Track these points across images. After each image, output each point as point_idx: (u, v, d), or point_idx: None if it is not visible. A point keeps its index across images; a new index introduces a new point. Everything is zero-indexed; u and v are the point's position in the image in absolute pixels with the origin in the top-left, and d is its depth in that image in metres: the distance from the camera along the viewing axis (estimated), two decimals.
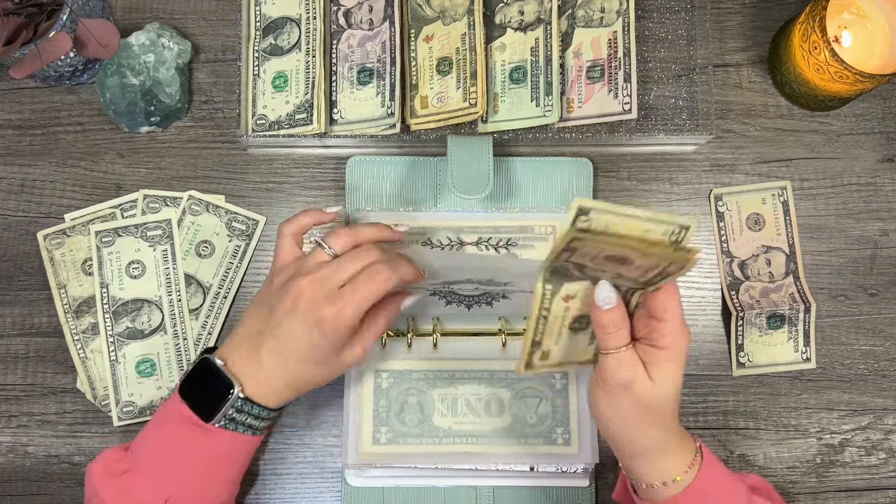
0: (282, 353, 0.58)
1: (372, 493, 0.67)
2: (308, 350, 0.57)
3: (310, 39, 0.71)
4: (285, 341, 0.57)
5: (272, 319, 0.58)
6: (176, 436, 0.58)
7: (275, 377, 0.58)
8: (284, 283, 0.58)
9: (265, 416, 0.59)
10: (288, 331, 0.57)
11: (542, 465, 0.66)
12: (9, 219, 0.71)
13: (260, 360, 0.58)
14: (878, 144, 0.73)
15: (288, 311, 0.57)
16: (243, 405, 0.58)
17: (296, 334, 0.57)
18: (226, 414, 0.57)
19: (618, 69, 0.71)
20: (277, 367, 0.58)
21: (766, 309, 0.70)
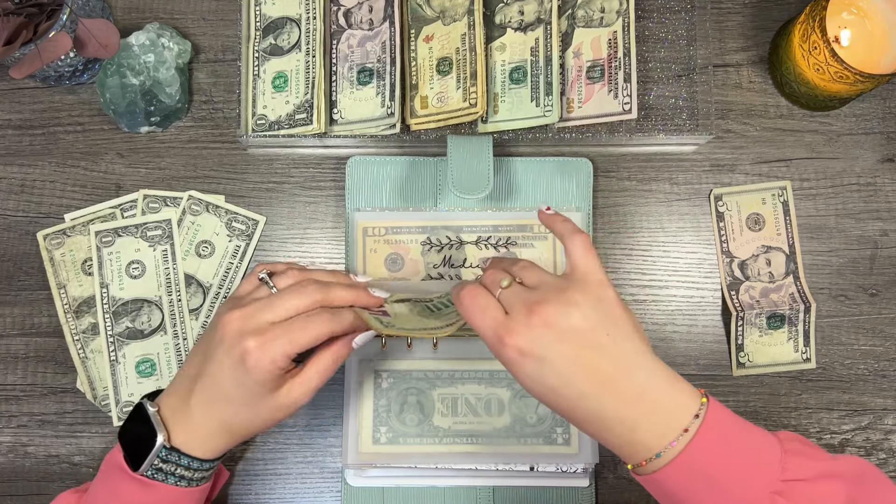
0: (209, 394, 0.54)
1: (372, 493, 0.68)
2: (233, 389, 0.53)
3: (310, 39, 0.71)
4: (211, 380, 0.54)
5: (202, 357, 0.55)
6: (115, 484, 0.55)
7: (203, 424, 0.54)
8: (220, 320, 0.54)
9: (196, 466, 0.55)
10: (215, 368, 0.53)
11: (542, 465, 0.66)
12: (9, 219, 0.71)
13: (189, 406, 0.54)
14: (878, 144, 0.73)
15: (214, 346, 0.54)
16: (169, 455, 0.54)
17: (221, 371, 0.53)
18: (152, 463, 0.54)
19: (618, 69, 0.71)
20: (205, 411, 0.54)
21: (766, 309, 0.70)
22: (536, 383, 0.49)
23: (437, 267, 0.70)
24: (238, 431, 0.56)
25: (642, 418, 0.48)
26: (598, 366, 0.48)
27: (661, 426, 0.48)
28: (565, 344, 0.48)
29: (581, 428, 0.50)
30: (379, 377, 0.68)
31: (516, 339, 0.48)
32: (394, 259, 0.69)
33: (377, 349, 0.68)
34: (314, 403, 0.69)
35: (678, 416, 0.48)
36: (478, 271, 0.70)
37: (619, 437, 0.49)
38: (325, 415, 0.70)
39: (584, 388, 0.48)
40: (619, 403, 0.48)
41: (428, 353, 0.68)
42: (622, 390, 0.48)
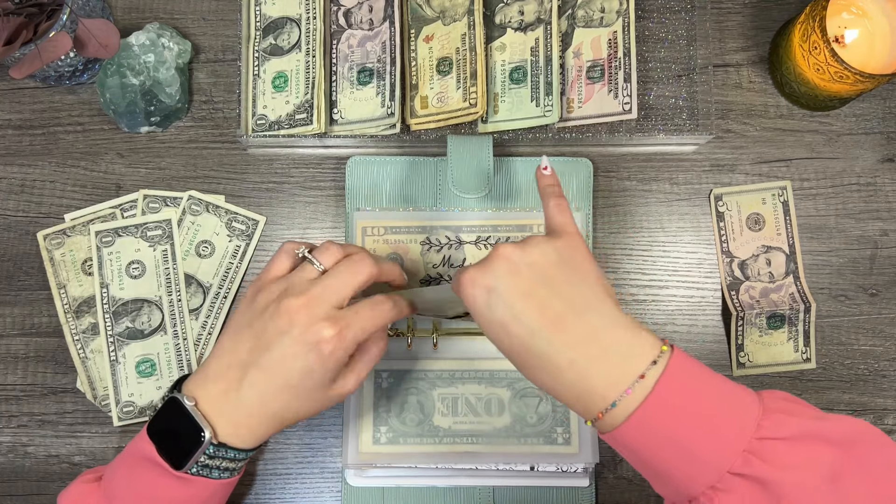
0: (268, 383, 0.52)
1: (372, 493, 0.68)
2: (301, 376, 0.52)
3: (310, 39, 0.71)
4: (275, 369, 0.52)
5: (258, 344, 0.52)
6: (143, 478, 0.53)
7: (255, 413, 0.53)
8: (272, 304, 0.53)
9: (241, 457, 0.55)
10: (279, 356, 0.51)
11: (543, 464, 0.66)
12: (9, 219, 0.71)
13: (239, 396, 0.52)
14: (878, 144, 0.73)
15: (280, 334, 0.51)
16: (216, 451, 0.53)
17: (289, 359, 0.51)
18: (198, 461, 0.52)
19: (618, 69, 0.71)
20: (260, 400, 0.52)
21: (766, 309, 0.70)
22: (486, 319, 0.47)
23: (437, 267, 0.70)
24: (287, 419, 0.54)
25: (593, 362, 0.45)
26: (549, 303, 0.46)
27: (615, 373, 0.45)
28: (518, 277, 0.47)
29: (535, 379, 0.48)
30: (379, 377, 0.68)
31: (471, 271, 0.48)
32: (393, 259, 0.69)
33: None
34: None
35: (633, 362, 0.45)
36: None
37: (572, 385, 0.46)
38: (325, 415, 0.69)
39: (534, 323, 0.46)
40: (568, 343, 0.46)
41: (428, 353, 0.68)
42: (571, 329, 0.46)
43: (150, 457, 0.53)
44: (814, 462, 0.43)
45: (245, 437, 0.54)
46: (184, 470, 0.53)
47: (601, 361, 0.46)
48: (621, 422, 0.45)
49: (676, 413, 0.45)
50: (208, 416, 0.52)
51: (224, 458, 0.54)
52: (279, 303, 0.52)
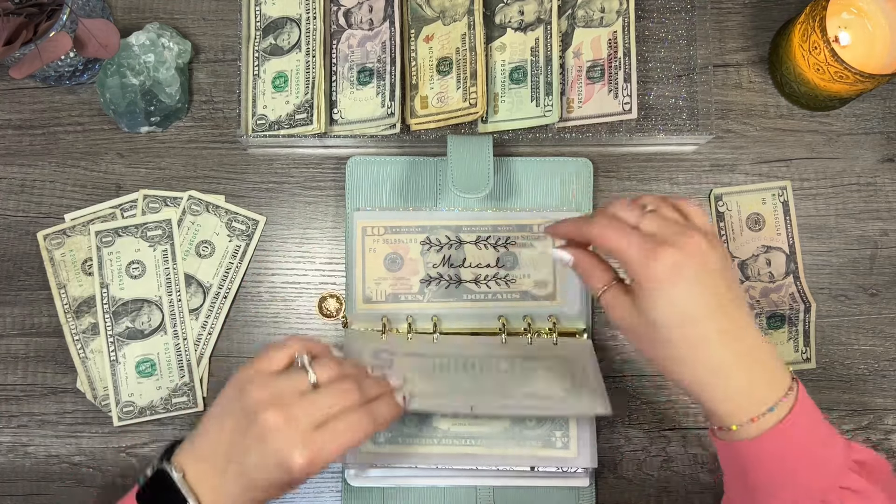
0: (247, 480, 0.53)
1: (372, 493, 0.67)
2: (276, 483, 0.53)
3: (310, 39, 0.71)
4: (251, 472, 0.53)
5: (239, 444, 0.53)
6: None
7: (237, 497, 0.53)
8: (256, 406, 0.53)
9: None
10: (256, 463, 0.52)
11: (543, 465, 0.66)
12: (9, 219, 0.71)
13: (224, 479, 0.53)
14: (878, 144, 0.73)
15: (257, 442, 0.52)
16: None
17: (263, 468, 0.52)
18: None
19: (618, 69, 0.71)
20: (242, 489, 0.53)
21: (766, 309, 0.70)
22: (677, 308, 0.48)
23: (437, 267, 0.70)
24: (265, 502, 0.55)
25: (759, 370, 0.49)
26: (733, 311, 0.49)
27: (773, 382, 0.49)
28: (713, 276, 0.48)
29: (688, 373, 0.50)
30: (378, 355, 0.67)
31: (672, 254, 0.48)
32: (393, 259, 0.69)
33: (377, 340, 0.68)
34: None
35: (781, 375, 0.50)
36: (477, 271, 0.70)
37: (739, 385, 0.49)
38: None
39: (723, 326, 0.48)
40: (744, 351, 0.49)
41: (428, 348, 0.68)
42: (747, 338, 0.49)
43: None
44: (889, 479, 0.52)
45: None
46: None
47: (763, 371, 0.50)
48: (767, 429, 0.49)
49: (810, 428, 0.50)
50: (195, 490, 0.53)
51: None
52: (261, 413, 0.52)
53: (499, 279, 0.70)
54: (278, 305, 0.71)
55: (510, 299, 0.69)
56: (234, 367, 0.70)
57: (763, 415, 0.49)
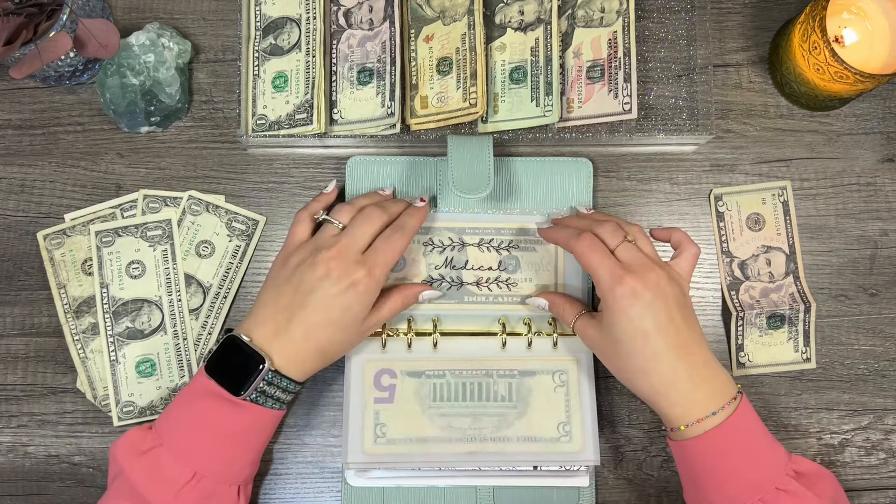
0: (313, 320, 0.60)
1: (372, 493, 0.67)
2: (342, 312, 0.60)
3: (310, 39, 0.71)
4: (319, 307, 0.60)
5: (299, 291, 0.61)
6: (204, 411, 0.60)
7: (303, 348, 0.61)
8: (307, 258, 0.62)
9: (292, 388, 0.61)
10: (322, 297, 0.60)
11: (546, 464, 0.66)
12: (9, 219, 0.71)
13: (289, 333, 0.60)
14: (878, 144, 0.73)
15: (320, 280, 0.60)
16: (273, 378, 0.60)
17: (330, 298, 0.60)
18: (257, 387, 0.59)
19: (618, 69, 0.71)
20: (306, 336, 0.60)
21: (766, 309, 0.70)
22: (634, 325, 0.58)
23: (439, 268, 0.70)
24: (330, 352, 0.62)
25: (704, 381, 0.58)
26: (682, 331, 0.59)
27: (716, 392, 0.59)
28: (667, 303, 0.58)
29: (645, 382, 0.59)
30: (379, 377, 0.68)
31: (634, 281, 0.58)
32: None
33: (377, 349, 0.68)
34: (314, 403, 0.69)
35: (726, 387, 0.59)
36: (479, 273, 0.70)
37: (686, 392, 0.58)
38: (325, 415, 0.70)
39: (671, 341, 0.58)
40: (691, 364, 0.58)
41: (428, 354, 0.68)
42: (694, 354, 0.59)
43: (210, 389, 0.60)
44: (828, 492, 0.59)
45: (295, 369, 0.61)
46: (243, 396, 0.59)
47: (708, 383, 0.59)
48: (709, 429, 0.58)
49: (749, 432, 0.59)
50: (265, 349, 0.60)
51: (278, 387, 0.60)
52: (314, 256, 0.61)
53: (500, 282, 0.70)
54: None
55: (511, 302, 0.69)
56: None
57: (707, 417, 0.58)
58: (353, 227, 0.63)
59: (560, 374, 0.67)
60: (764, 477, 0.58)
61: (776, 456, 0.59)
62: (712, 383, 0.59)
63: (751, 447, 0.58)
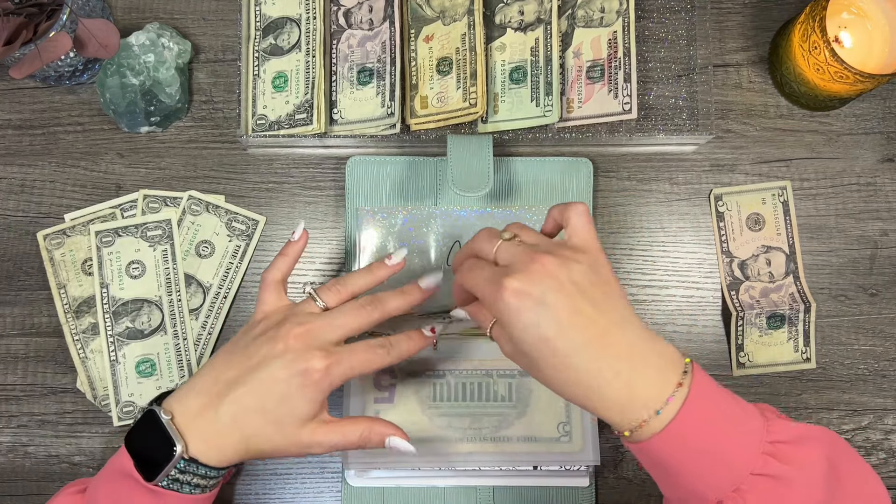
0: (246, 403, 0.54)
1: (372, 493, 0.68)
2: (277, 402, 0.53)
3: (310, 39, 0.71)
4: (257, 389, 0.53)
5: (248, 363, 0.54)
6: (124, 495, 0.54)
7: (226, 433, 0.54)
8: (272, 329, 0.56)
9: (212, 475, 0.55)
10: (265, 377, 0.53)
11: (546, 464, 0.66)
12: (9, 219, 0.71)
13: (217, 412, 0.54)
14: (878, 144, 0.73)
15: (273, 357, 0.54)
16: (187, 466, 0.54)
17: (272, 382, 0.53)
18: (168, 474, 0.53)
19: (618, 69, 0.71)
20: (233, 420, 0.54)
21: (766, 309, 0.70)
22: (530, 333, 0.47)
23: None
24: (253, 446, 0.55)
25: (636, 373, 0.48)
26: (594, 319, 0.48)
27: (656, 383, 0.48)
28: (564, 294, 0.47)
29: (569, 392, 0.49)
30: (379, 377, 0.68)
31: (516, 281, 0.47)
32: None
33: None
34: None
35: (669, 373, 0.48)
36: None
37: (618, 393, 0.48)
38: None
39: (579, 338, 0.47)
40: (614, 356, 0.48)
41: (427, 353, 0.68)
42: (616, 343, 0.48)
43: (127, 471, 0.54)
44: (816, 457, 0.48)
45: (214, 455, 0.54)
46: (155, 482, 0.53)
47: (644, 372, 0.48)
48: (659, 430, 0.47)
49: (707, 422, 0.48)
50: (182, 431, 0.54)
51: (195, 475, 0.54)
52: (278, 328, 0.55)
53: None
54: None
55: None
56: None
57: (650, 419, 0.47)
58: (336, 313, 0.56)
59: None
60: (735, 467, 0.48)
61: (749, 436, 0.48)
62: (648, 370, 0.48)
63: (713, 438, 0.48)
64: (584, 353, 0.47)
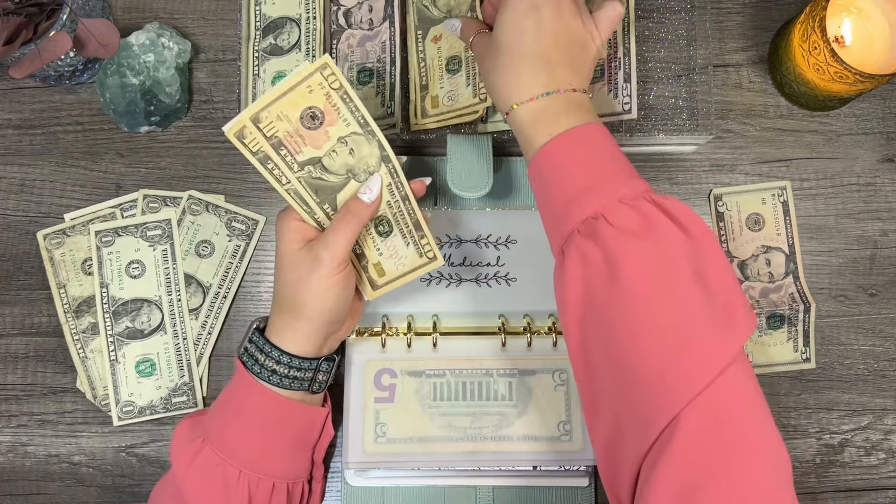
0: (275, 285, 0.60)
1: (372, 493, 0.68)
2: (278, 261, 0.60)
3: (310, 39, 0.71)
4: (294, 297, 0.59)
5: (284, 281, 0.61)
6: (229, 382, 0.62)
7: (275, 309, 0.60)
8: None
9: (285, 361, 0.59)
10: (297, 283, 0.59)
11: (545, 464, 0.66)
12: (9, 219, 0.71)
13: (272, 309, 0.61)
14: (878, 144, 0.73)
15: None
16: (252, 335, 0.60)
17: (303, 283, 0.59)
18: (245, 346, 0.60)
19: (618, 69, 0.71)
20: (274, 301, 0.60)
21: (765, 309, 0.70)
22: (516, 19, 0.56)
23: None
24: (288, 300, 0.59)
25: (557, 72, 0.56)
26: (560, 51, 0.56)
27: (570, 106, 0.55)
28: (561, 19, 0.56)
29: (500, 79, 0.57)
30: (379, 376, 0.68)
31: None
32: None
33: (377, 348, 0.68)
34: None
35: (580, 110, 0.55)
36: (478, 270, 0.70)
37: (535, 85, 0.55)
38: None
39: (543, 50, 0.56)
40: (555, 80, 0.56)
41: (427, 353, 0.68)
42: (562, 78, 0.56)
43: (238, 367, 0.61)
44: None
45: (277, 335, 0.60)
46: (237, 355, 0.61)
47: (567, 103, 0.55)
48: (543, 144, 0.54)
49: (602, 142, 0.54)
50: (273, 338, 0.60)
51: (268, 355, 0.59)
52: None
53: (499, 278, 0.70)
54: None
55: (511, 298, 0.69)
56: (234, 366, 0.70)
57: (540, 97, 0.55)
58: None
59: (560, 373, 0.67)
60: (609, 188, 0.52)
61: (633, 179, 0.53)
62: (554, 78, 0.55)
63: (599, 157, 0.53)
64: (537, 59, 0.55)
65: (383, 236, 0.61)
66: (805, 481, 0.69)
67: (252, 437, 0.59)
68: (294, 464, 0.62)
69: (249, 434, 0.59)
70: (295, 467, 0.62)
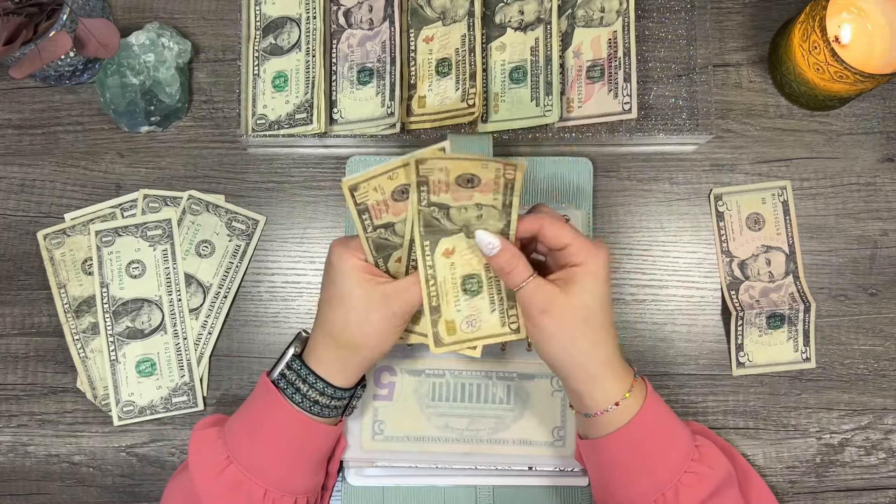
0: (319, 311, 0.60)
1: (372, 493, 0.68)
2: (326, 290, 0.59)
3: (310, 39, 0.71)
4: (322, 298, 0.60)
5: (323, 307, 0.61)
6: (254, 401, 0.61)
7: (318, 335, 0.60)
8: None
9: (329, 393, 0.59)
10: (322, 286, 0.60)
11: (541, 465, 0.66)
12: (9, 219, 0.71)
13: (313, 333, 0.61)
14: (878, 144, 0.73)
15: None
16: (292, 362, 0.60)
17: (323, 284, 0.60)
18: (283, 372, 0.60)
19: (618, 69, 0.71)
20: (316, 327, 0.60)
21: (765, 309, 0.70)
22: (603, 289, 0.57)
23: None
24: (337, 331, 0.58)
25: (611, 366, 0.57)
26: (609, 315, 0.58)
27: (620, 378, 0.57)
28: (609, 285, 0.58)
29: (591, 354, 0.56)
30: (378, 375, 0.68)
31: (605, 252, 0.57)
32: None
33: None
34: None
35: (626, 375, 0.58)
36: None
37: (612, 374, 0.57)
38: None
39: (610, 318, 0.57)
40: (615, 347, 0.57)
41: (427, 353, 0.68)
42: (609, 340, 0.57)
43: (265, 382, 0.61)
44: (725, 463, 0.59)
45: (317, 361, 0.60)
46: (271, 376, 0.60)
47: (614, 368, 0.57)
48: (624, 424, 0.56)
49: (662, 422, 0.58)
50: (309, 362, 0.60)
51: (303, 380, 0.59)
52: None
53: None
54: (278, 305, 0.71)
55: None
56: (234, 366, 0.70)
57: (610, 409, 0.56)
58: None
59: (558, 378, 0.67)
60: (673, 467, 0.57)
61: (684, 440, 0.58)
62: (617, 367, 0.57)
63: (664, 437, 0.57)
64: (611, 328, 0.57)
65: (469, 294, 0.58)
66: (805, 481, 0.70)
67: (279, 456, 0.59)
68: (315, 478, 0.62)
69: (276, 453, 0.59)
70: (315, 481, 0.62)
